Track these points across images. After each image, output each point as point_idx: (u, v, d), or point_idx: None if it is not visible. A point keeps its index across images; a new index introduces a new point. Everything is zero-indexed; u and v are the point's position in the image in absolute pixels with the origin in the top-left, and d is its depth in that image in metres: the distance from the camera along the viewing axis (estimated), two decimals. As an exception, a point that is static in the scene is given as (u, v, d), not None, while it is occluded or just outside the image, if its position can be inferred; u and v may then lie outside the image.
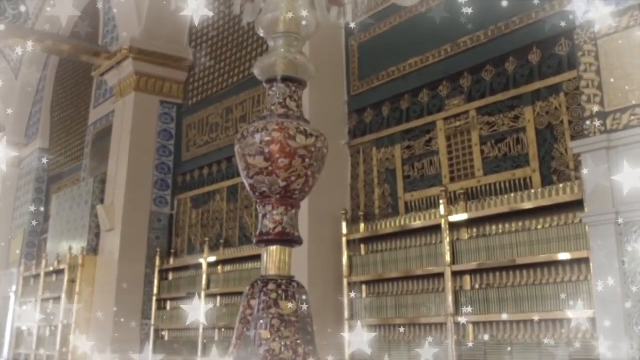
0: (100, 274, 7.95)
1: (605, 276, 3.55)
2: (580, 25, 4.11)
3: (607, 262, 3.57)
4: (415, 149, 5.43)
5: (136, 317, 7.43)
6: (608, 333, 3.50)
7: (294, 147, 1.78)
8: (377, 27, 5.99)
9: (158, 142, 8.18)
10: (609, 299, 3.52)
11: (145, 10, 8.15)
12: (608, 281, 3.50)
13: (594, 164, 3.73)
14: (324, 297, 5.19)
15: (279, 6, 1.91)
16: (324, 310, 4.99)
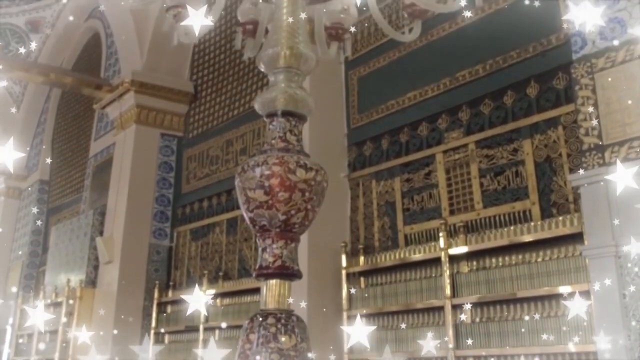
0: (98, 307, 7.89)
1: (606, 309, 3.53)
2: (577, 59, 4.16)
3: (608, 296, 3.56)
4: (414, 181, 5.44)
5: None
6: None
7: (293, 180, 1.79)
8: (376, 61, 6.06)
9: (158, 174, 8.20)
10: (611, 332, 3.50)
11: (147, 43, 8.24)
12: (609, 314, 3.48)
13: (593, 197, 3.75)
14: (323, 331, 5.14)
15: (279, 42, 1.93)
16: (323, 344, 4.94)
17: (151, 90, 8.25)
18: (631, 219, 3.44)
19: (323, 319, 5.29)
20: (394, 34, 2.38)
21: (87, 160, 9.62)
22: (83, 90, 9.19)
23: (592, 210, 3.74)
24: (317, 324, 5.03)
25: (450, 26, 5.42)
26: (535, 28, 4.79)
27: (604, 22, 4.01)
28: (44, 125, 11.75)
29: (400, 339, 4.91)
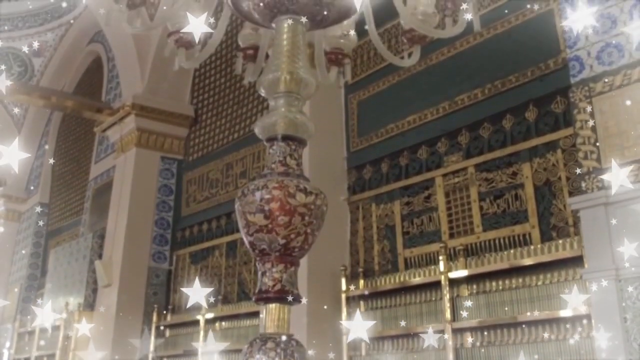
0: (96, 330, 7.83)
1: (607, 333, 3.51)
2: (575, 83, 4.19)
3: (609, 319, 3.54)
4: (414, 205, 5.45)
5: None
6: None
7: (293, 205, 1.80)
8: (375, 84, 6.10)
9: (158, 197, 8.21)
10: (612, 356, 3.47)
11: (148, 67, 8.30)
12: (610, 338, 3.46)
13: (592, 221, 3.75)
14: (323, 355, 5.11)
15: (279, 67, 1.95)
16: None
17: (152, 114, 8.29)
18: (632, 241, 3.43)
19: (323, 343, 5.25)
20: (393, 59, 2.40)
21: (87, 183, 9.64)
22: (84, 113, 9.24)
23: (592, 233, 3.74)
24: (317, 348, 4.99)
25: (449, 50, 5.46)
26: (533, 52, 4.83)
27: (596, 22, 4.05)
28: (44, 148, 11.78)
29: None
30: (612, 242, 3.59)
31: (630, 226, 3.54)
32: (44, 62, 10.94)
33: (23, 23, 10.30)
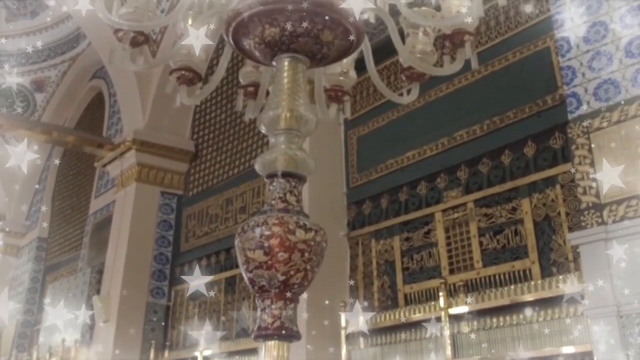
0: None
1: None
2: (572, 119, 4.23)
3: (611, 356, 3.51)
4: (414, 240, 5.44)
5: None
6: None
7: (293, 241, 1.80)
8: (375, 120, 6.14)
9: (157, 232, 8.19)
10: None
11: (150, 103, 8.38)
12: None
13: (592, 256, 3.74)
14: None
15: (280, 104, 1.97)
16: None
17: (152, 149, 8.33)
18: (632, 277, 3.43)
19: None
20: (392, 96, 2.42)
21: (86, 217, 9.63)
22: (85, 148, 9.29)
23: (593, 269, 3.73)
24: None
25: (448, 87, 5.52)
26: (531, 89, 4.89)
27: (592, 59, 4.10)
28: (44, 182, 11.80)
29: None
30: (612, 278, 3.58)
31: (631, 261, 3.53)
32: (46, 97, 11.04)
33: (26, 59, 10.42)
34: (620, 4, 4.19)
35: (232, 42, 2.05)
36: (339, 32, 1.96)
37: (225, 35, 2.04)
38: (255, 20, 1.93)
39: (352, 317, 5.37)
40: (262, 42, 1.97)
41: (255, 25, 1.95)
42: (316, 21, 1.91)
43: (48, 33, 10.02)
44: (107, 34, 7.17)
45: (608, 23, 4.21)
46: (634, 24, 4.08)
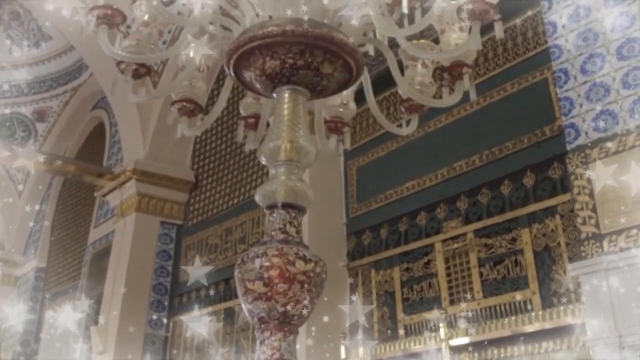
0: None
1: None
2: (571, 150, 4.25)
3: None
4: (414, 271, 5.42)
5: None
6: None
7: (293, 272, 1.80)
8: (374, 151, 6.17)
9: (156, 262, 8.16)
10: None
11: (150, 133, 8.41)
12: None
13: (593, 287, 3.72)
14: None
15: (280, 135, 1.99)
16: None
17: (152, 179, 8.34)
18: (634, 308, 3.41)
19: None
20: (391, 127, 2.44)
21: (85, 247, 9.60)
22: (85, 178, 9.30)
23: (593, 299, 3.71)
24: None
25: (447, 118, 5.56)
26: (530, 119, 4.91)
27: (590, 90, 4.13)
28: (44, 212, 11.79)
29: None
30: (613, 309, 3.56)
31: (632, 292, 3.51)
32: (48, 127, 11.09)
33: (29, 89, 10.50)
34: (617, 36, 4.24)
35: (233, 74, 2.07)
36: (338, 65, 1.98)
37: (227, 67, 2.07)
38: (256, 52, 1.96)
39: (352, 348, 5.32)
40: (263, 74, 1.99)
41: (256, 58, 1.97)
42: (316, 54, 1.94)
43: (51, 63, 10.12)
44: (109, 65, 7.24)
45: (605, 55, 4.26)
46: (630, 56, 4.13)
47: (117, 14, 1.99)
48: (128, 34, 2.16)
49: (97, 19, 1.97)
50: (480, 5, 1.89)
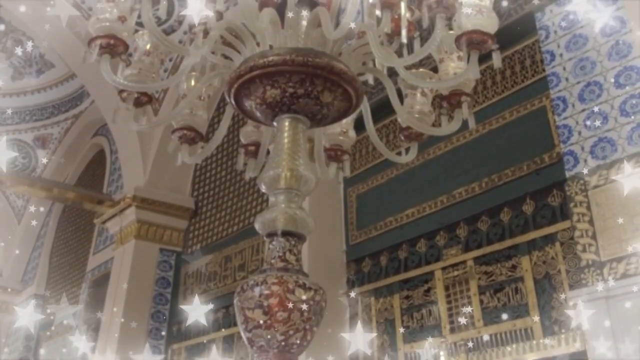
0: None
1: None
2: (570, 177, 4.27)
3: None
4: (414, 298, 5.39)
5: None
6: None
7: (292, 300, 1.80)
8: (374, 178, 6.18)
9: (155, 290, 8.12)
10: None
11: (151, 160, 8.44)
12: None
13: (594, 314, 3.71)
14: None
15: (280, 164, 2.00)
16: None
17: (152, 206, 8.34)
18: (635, 335, 3.39)
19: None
20: (391, 155, 2.46)
21: (84, 274, 9.56)
22: (85, 205, 9.30)
23: (595, 327, 3.69)
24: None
25: (446, 145, 5.58)
26: (528, 147, 4.93)
27: (588, 118, 4.16)
28: (43, 238, 11.77)
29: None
30: (615, 336, 3.54)
31: (633, 319, 3.50)
32: (48, 154, 11.13)
33: (30, 116, 10.56)
34: (614, 64, 4.29)
35: (234, 102, 2.09)
36: (338, 94, 2.01)
37: (227, 96, 2.09)
38: (256, 81, 1.98)
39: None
40: (264, 103, 2.01)
41: (256, 87, 1.99)
42: (316, 83, 1.96)
43: (52, 91, 10.20)
44: (110, 92, 7.29)
45: (602, 83, 4.30)
46: (627, 84, 4.17)
47: (119, 43, 2.02)
48: (130, 62, 2.19)
49: (99, 48, 2.00)
50: (478, 35, 1.92)
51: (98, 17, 2.03)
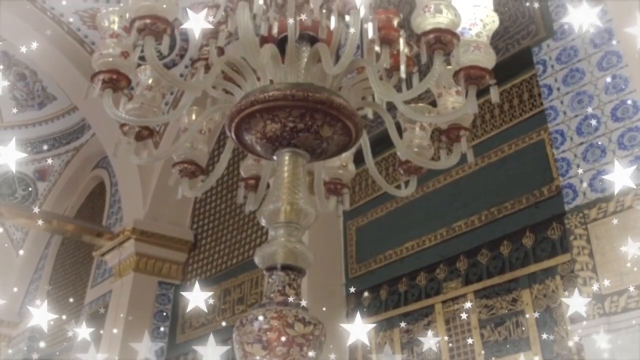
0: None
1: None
2: (569, 210, 4.27)
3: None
4: (414, 332, 5.35)
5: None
6: None
7: (292, 335, 1.79)
8: (374, 211, 6.18)
9: (153, 323, 8.05)
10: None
11: (151, 193, 8.45)
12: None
13: (596, 348, 3.68)
14: None
15: (280, 198, 2.01)
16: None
17: (151, 239, 8.32)
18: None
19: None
20: (390, 189, 2.47)
21: (82, 307, 9.49)
22: (84, 237, 9.28)
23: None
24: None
25: (445, 178, 5.59)
26: (527, 180, 4.95)
27: (586, 151, 4.17)
28: (41, 271, 11.71)
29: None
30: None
31: (634, 352, 3.47)
32: (48, 186, 11.15)
33: (31, 148, 10.61)
34: (611, 98, 4.33)
35: (234, 136, 2.11)
36: (338, 128, 2.02)
37: (228, 130, 2.10)
38: (257, 116, 2.00)
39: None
40: (264, 137, 2.03)
41: (257, 121, 2.01)
42: (316, 118, 1.98)
43: (54, 123, 10.26)
44: (111, 125, 7.31)
45: (600, 117, 4.33)
46: (625, 117, 4.20)
47: (122, 78, 2.04)
48: (132, 96, 2.21)
49: (102, 82, 2.02)
50: (476, 70, 1.94)
51: (101, 53, 2.06)
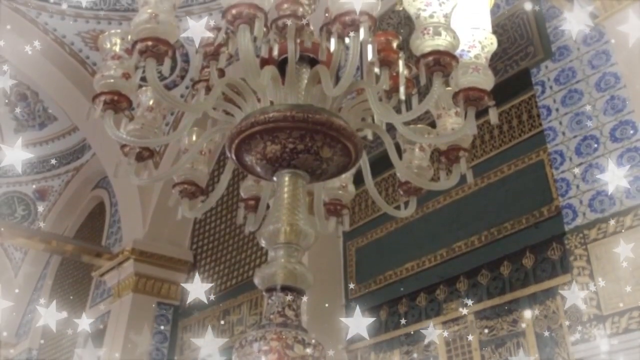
0: None
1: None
2: (569, 230, 4.27)
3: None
4: (414, 354, 5.31)
5: None
6: None
7: (291, 356, 1.78)
8: (373, 232, 6.17)
9: (152, 344, 8.01)
10: None
11: (150, 213, 8.44)
12: None
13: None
14: None
15: (280, 219, 2.01)
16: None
17: (151, 259, 8.31)
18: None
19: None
20: (390, 210, 2.47)
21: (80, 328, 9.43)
22: (83, 257, 9.26)
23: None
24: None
25: (445, 199, 5.59)
26: (527, 200, 4.95)
27: (585, 171, 4.18)
28: (40, 291, 11.66)
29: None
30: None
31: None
32: (48, 206, 11.15)
33: (31, 169, 10.63)
34: (609, 118, 4.35)
35: (234, 157, 2.11)
36: (337, 149, 2.03)
37: (228, 151, 2.11)
38: (257, 137, 2.01)
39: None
40: (264, 158, 2.04)
41: (257, 142, 2.02)
42: (316, 139, 1.99)
43: (55, 143, 10.29)
44: (111, 146, 7.34)
45: (599, 137, 4.35)
46: (623, 137, 4.22)
47: (123, 99, 2.05)
48: (132, 117, 2.22)
49: (103, 104, 2.03)
50: (475, 92, 1.96)
51: (103, 74, 2.07)
